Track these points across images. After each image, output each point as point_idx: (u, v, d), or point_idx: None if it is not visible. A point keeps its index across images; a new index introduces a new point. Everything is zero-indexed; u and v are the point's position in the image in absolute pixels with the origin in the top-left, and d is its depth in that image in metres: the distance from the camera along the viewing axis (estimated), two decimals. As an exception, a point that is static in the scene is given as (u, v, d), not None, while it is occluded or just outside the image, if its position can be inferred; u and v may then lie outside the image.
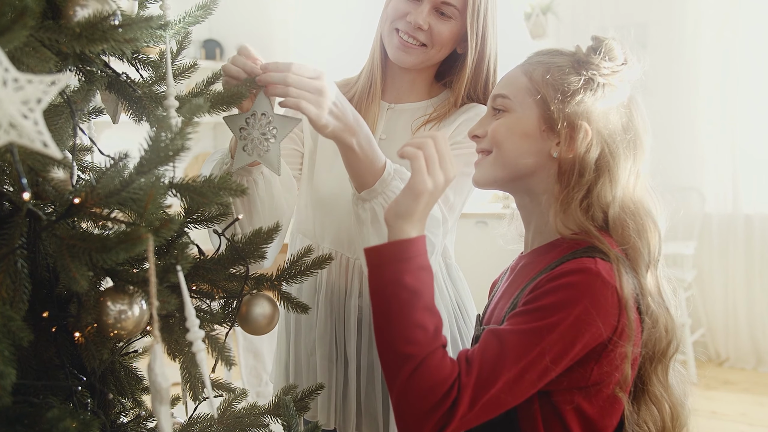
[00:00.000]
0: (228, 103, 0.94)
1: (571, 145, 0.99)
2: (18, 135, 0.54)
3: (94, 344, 0.79)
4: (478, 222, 4.47)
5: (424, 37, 1.28)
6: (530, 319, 0.92)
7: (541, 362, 0.89)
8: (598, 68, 1.01)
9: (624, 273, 0.93)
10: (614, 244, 0.99)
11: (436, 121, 1.35)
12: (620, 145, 1.00)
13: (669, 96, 4.12)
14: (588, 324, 0.90)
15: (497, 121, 1.05)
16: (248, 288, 0.97)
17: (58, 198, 0.75)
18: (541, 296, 0.94)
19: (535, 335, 0.90)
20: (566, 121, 0.99)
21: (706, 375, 3.90)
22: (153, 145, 0.67)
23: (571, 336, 0.90)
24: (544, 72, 1.03)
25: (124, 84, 0.90)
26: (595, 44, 1.04)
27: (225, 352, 0.88)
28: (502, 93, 1.06)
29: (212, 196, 0.75)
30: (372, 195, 1.14)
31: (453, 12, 1.27)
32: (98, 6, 0.73)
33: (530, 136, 1.02)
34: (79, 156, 1.03)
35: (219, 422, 1.04)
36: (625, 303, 0.91)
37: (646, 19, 4.21)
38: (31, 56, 0.69)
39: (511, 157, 1.04)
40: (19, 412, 0.71)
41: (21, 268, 0.69)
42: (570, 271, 0.93)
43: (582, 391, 0.95)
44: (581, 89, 1.00)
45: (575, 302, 0.91)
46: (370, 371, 1.36)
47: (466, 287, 1.47)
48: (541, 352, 0.89)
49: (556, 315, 0.90)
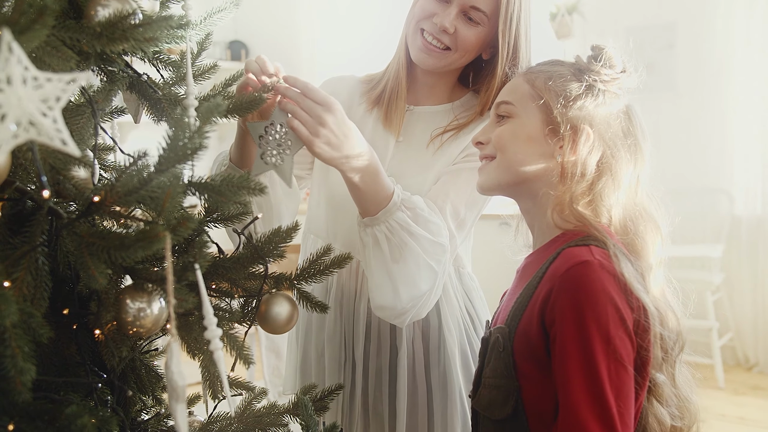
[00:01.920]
0: (246, 108, 0.94)
1: (573, 147, 1.02)
2: (37, 133, 0.55)
3: (113, 342, 0.80)
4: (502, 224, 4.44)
5: (448, 40, 1.25)
6: (575, 350, 0.92)
7: (621, 372, 0.91)
8: (598, 75, 1.04)
9: (622, 259, 0.95)
10: (614, 236, 1.01)
11: (455, 129, 1.33)
12: (621, 148, 1.03)
13: (697, 96, 4.07)
14: (619, 315, 0.92)
15: (501, 126, 1.08)
16: (267, 287, 0.97)
17: (79, 196, 0.76)
18: (562, 316, 0.93)
19: (592, 359, 0.91)
20: (569, 125, 1.02)
21: (734, 380, 3.84)
22: (171, 144, 0.67)
23: (620, 337, 0.92)
24: (546, 79, 1.06)
25: (145, 84, 0.91)
26: (595, 53, 1.07)
27: (244, 351, 0.88)
28: (506, 100, 1.09)
29: (231, 195, 0.76)
30: (374, 222, 1.16)
31: (481, 18, 1.24)
32: (119, 6, 0.74)
33: (534, 140, 1.05)
34: (101, 155, 1.04)
35: (238, 421, 1.04)
36: (631, 286, 0.93)
37: (674, 18, 4.15)
38: (52, 55, 0.69)
39: (516, 161, 1.06)
40: (39, 408, 0.72)
41: (42, 266, 0.70)
42: (569, 269, 0.94)
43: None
44: (583, 95, 1.03)
45: (597, 304, 0.91)
46: (379, 375, 1.36)
47: (480, 296, 1.45)
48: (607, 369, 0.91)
49: (591, 329, 0.91)
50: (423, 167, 1.33)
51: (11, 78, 0.53)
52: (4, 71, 0.53)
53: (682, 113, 4.09)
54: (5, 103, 0.53)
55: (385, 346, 1.35)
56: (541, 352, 0.96)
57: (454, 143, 1.33)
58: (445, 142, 1.33)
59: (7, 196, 0.75)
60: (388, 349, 1.35)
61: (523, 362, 0.98)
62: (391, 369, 1.36)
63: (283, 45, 5.26)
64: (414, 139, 1.35)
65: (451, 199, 1.28)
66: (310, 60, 5.17)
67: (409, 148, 1.35)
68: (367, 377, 1.37)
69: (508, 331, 1.01)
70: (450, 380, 1.36)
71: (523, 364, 0.98)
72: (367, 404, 1.38)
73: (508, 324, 1.01)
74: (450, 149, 1.33)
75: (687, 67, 4.11)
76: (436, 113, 1.37)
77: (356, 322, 1.35)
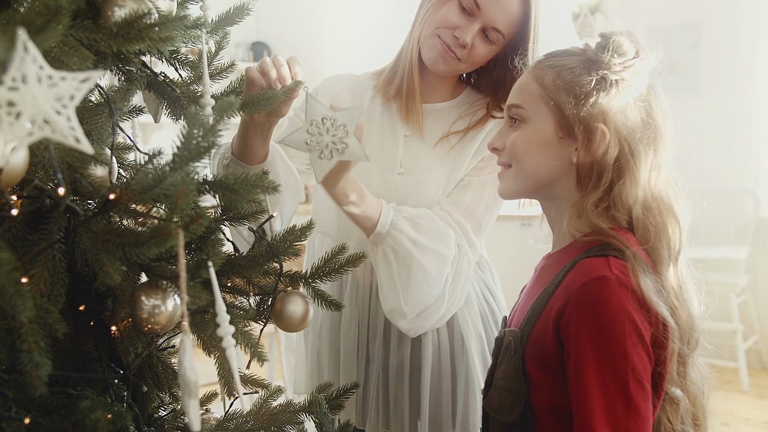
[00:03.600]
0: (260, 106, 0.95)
1: (589, 148, 0.99)
2: (51, 131, 0.55)
3: (128, 338, 0.81)
4: (523, 224, 4.43)
5: (460, 53, 1.28)
6: (593, 369, 0.91)
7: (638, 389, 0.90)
8: (608, 66, 0.99)
9: (640, 271, 0.92)
10: (634, 243, 0.97)
11: (463, 132, 1.37)
12: (640, 142, 0.99)
13: (721, 96, 4.01)
14: (636, 332, 0.90)
15: (514, 134, 1.05)
16: (283, 285, 0.98)
17: (96, 194, 0.77)
18: (578, 332, 0.92)
19: (611, 375, 0.90)
20: (582, 125, 0.98)
21: (759, 384, 3.78)
22: (185, 142, 0.68)
23: (638, 354, 0.90)
24: (554, 76, 1.02)
25: (163, 84, 0.92)
26: (603, 41, 1.02)
27: (258, 349, 0.88)
28: (516, 103, 1.06)
29: (244, 193, 0.76)
30: (378, 240, 1.24)
31: (497, 38, 1.27)
32: (135, 6, 0.75)
33: (548, 146, 1.02)
34: (120, 154, 1.06)
35: (254, 418, 1.05)
36: (649, 301, 0.90)
37: (698, 18, 4.10)
38: (70, 55, 0.71)
39: (532, 169, 1.04)
40: (56, 402, 0.73)
41: (59, 262, 0.71)
42: (586, 284, 0.92)
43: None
44: (594, 90, 0.98)
45: (615, 323, 0.90)
46: (400, 368, 1.37)
47: (496, 281, 1.49)
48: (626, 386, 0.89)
49: (608, 347, 0.90)
50: (434, 164, 1.36)
51: (26, 77, 0.54)
52: (20, 70, 0.54)
53: (706, 113, 4.03)
54: (20, 101, 0.54)
55: (407, 340, 1.36)
56: (554, 362, 0.95)
57: (468, 144, 1.36)
58: (457, 143, 1.36)
59: (26, 193, 0.76)
60: (410, 342, 1.36)
61: (534, 369, 0.98)
62: (413, 362, 1.37)
63: (305, 45, 5.29)
64: (424, 135, 1.38)
65: (476, 216, 1.34)
66: (331, 60, 5.20)
67: (418, 144, 1.38)
68: (387, 371, 1.38)
69: (520, 335, 1.00)
70: (471, 370, 1.38)
71: (533, 370, 0.98)
72: (387, 399, 1.39)
73: (522, 328, 1.01)
74: (464, 151, 1.36)
75: (711, 66, 4.05)
76: (442, 110, 1.40)
77: (372, 318, 1.36)
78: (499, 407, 1.02)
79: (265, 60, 1.06)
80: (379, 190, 1.35)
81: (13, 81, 0.54)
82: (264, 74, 1.04)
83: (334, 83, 1.45)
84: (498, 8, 1.24)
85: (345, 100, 1.40)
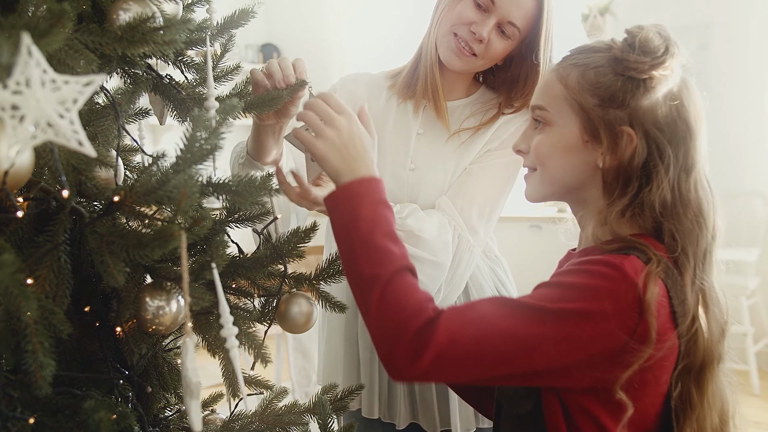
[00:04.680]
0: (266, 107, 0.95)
1: (615, 152, 0.94)
2: (55, 134, 0.56)
3: (133, 339, 0.81)
4: (532, 226, 4.41)
5: (477, 49, 1.29)
6: (551, 297, 0.88)
7: (541, 343, 0.86)
8: (636, 65, 0.94)
9: (653, 279, 0.87)
10: (660, 249, 0.94)
11: (476, 128, 1.38)
12: (669, 143, 0.94)
13: (732, 98, 3.99)
14: (604, 331, 0.86)
15: (538, 137, 1.02)
16: (287, 287, 0.99)
17: (101, 196, 0.78)
18: (566, 274, 0.91)
19: (546, 314, 0.86)
20: (607, 129, 0.94)
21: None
22: (188, 145, 0.69)
23: (586, 337, 0.86)
24: (579, 76, 0.97)
25: (168, 86, 0.92)
26: (630, 39, 0.97)
27: (261, 350, 0.89)
28: (540, 104, 1.02)
29: (248, 196, 0.77)
30: None
31: (513, 32, 1.28)
32: (139, 9, 0.75)
33: (573, 150, 0.98)
34: (127, 156, 1.06)
35: (260, 419, 1.06)
36: (646, 307, 0.86)
37: (708, 19, 4.08)
38: (75, 58, 0.71)
39: (557, 174, 1.01)
40: (61, 402, 0.74)
41: (64, 264, 0.72)
42: (599, 261, 0.89)
43: (591, 394, 0.91)
44: (620, 91, 0.94)
45: (596, 299, 0.86)
46: None
47: (508, 275, 1.50)
48: (543, 334, 0.85)
49: (576, 303, 0.86)
50: (444, 160, 1.37)
51: (30, 81, 0.55)
52: (24, 74, 0.55)
53: (716, 115, 3.97)
54: (24, 105, 0.55)
55: None
56: None
57: (477, 140, 1.38)
58: (467, 139, 1.38)
59: (32, 195, 0.77)
60: None
61: None
62: None
63: (314, 47, 5.30)
64: (437, 132, 1.39)
65: (477, 202, 1.34)
66: (340, 61, 5.21)
67: (431, 141, 1.39)
68: None
69: None
70: None
71: None
72: (413, 392, 1.40)
73: None
74: (472, 146, 1.38)
75: (721, 68, 4.03)
76: (456, 108, 1.41)
77: None
78: (513, 397, 1.00)
79: (271, 62, 1.06)
80: (391, 185, 1.36)
81: (17, 85, 0.55)
82: (269, 76, 1.04)
83: (351, 81, 1.48)
84: (512, 2, 1.25)
85: (361, 98, 1.42)
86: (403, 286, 0.88)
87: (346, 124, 0.98)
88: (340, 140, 0.96)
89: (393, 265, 0.89)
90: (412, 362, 0.84)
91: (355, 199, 0.93)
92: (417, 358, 0.84)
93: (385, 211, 0.94)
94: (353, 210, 0.92)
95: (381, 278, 0.88)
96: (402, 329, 0.85)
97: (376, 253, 0.89)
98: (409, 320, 0.85)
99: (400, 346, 0.84)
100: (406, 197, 1.37)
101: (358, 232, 0.90)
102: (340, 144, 0.96)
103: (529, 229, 4.38)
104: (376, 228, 0.91)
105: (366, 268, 0.89)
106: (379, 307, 0.87)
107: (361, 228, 0.90)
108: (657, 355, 0.88)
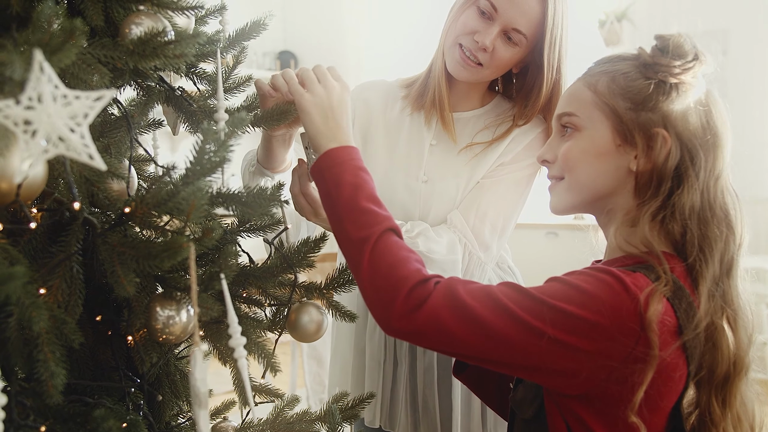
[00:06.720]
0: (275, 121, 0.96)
1: (649, 155, 0.94)
2: (66, 148, 0.57)
3: (144, 348, 0.82)
4: (548, 233, 4.40)
5: (483, 58, 1.27)
6: (556, 293, 0.88)
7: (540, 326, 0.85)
8: (668, 68, 0.95)
9: (657, 297, 0.86)
10: (678, 264, 0.92)
11: (489, 142, 1.36)
12: (701, 148, 0.94)
13: (750, 104, 3.95)
14: (601, 346, 0.85)
15: (567, 143, 1.01)
16: (298, 296, 0.99)
17: (112, 207, 0.79)
18: (577, 274, 0.91)
19: (546, 310, 0.86)
20: (642, 131, 0.94)
21: (791, 397, 3.70)
22: (198, 158, 0.70)
23: (582, 349, 0.85)
24: (609, 81, 0.97)
25: (180, 98, 0.94)
26: (661, 43, 0.97)
27: (271, 359, 0.90)
28: (568, 111, 1.01)
29: (257, 207, 0.78)
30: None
31: (520, 39, 1.26)
32: (151, 23, 0.77)
33: (605, 155, 0.97)
34: (140, 166, 1.08)
35: (271, 427, 1.06)
36: (647, 324, 0.84)
37: (727, 25, 4.05)
38: (88, 72, 0.73)
39: (588, 181, 0.99)
40: (72, 410, 0.75)
41: (76, 274, 0.73)
42: (609, 272, 0.88)
43: (582, 401, 0.90)
44: (653, 94, 0.94)
45: (598, 312, 0.85)
46: (429, 373, 1.37)
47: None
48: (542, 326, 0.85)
49: (577, 308, 0.85)
50: (456, 173, 1.36)
51: (42, 96, 0.56)
52: (36, 90, 0.56)
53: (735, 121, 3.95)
54: (36, 119, 0.56)
55: None
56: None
57: (490, 152, 1.36)
58: (480, 152, 1.36)
59: (46, 206, 0.78)
60: None
61: None
62: (440, 364, 1.38)
63: (331, 54, 5.33)
64: (449, 144, 1.38)
65: (490, 217, 1.33)
66: (357, 67, 5.23)
67: (443, 153, 1.38)
68: (415, 375, 1.39)
69: None
70: None
71: None
72: (416, 402, 1.40)
73: None
74: (485, 159, 1.36)
75: (740, 73, 4.00)
76: (469, 119, 1.40)
77: None
78: (521, 401, 1.00)
79: (276, 76, 1.07)
80: (404, 197, 1.36)
81: (30, 100, 0.56)
82: (277, 90, 1.05)
83: (366, 89, 1.48)
84: (515, 9, 1.23)
85: (375, 105, 1.43)
86: (389, 243, 0.91)
87: (339, 90, 1.02)
88: (328, 101, 1.00)
89: (378, 225, 0.92)
90: (407, 316, 0.87)
91: (338, 166, 0.96)
92: (412, 313, 0.87)
93: (366, 176, 0.97)
94: (336, 176, 0.96)
95: (369, 239, 0.91)
96: (397, 286, 0.87)
97: (360, 216, 0.93)
98: (405, 278, 0.88)
99: (395, 303, 0.87)
100: (419, 209, 1.36)
101: (342, 197, 0.94)
102: (327, 105, 1.00)
103: (546, 236, 4.36)
104: (359, 192, 0.94)
105: (353, 231, 0.92)
106: (370, 266, 0.90)
107: (344, 193, 0.94)
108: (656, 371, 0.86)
